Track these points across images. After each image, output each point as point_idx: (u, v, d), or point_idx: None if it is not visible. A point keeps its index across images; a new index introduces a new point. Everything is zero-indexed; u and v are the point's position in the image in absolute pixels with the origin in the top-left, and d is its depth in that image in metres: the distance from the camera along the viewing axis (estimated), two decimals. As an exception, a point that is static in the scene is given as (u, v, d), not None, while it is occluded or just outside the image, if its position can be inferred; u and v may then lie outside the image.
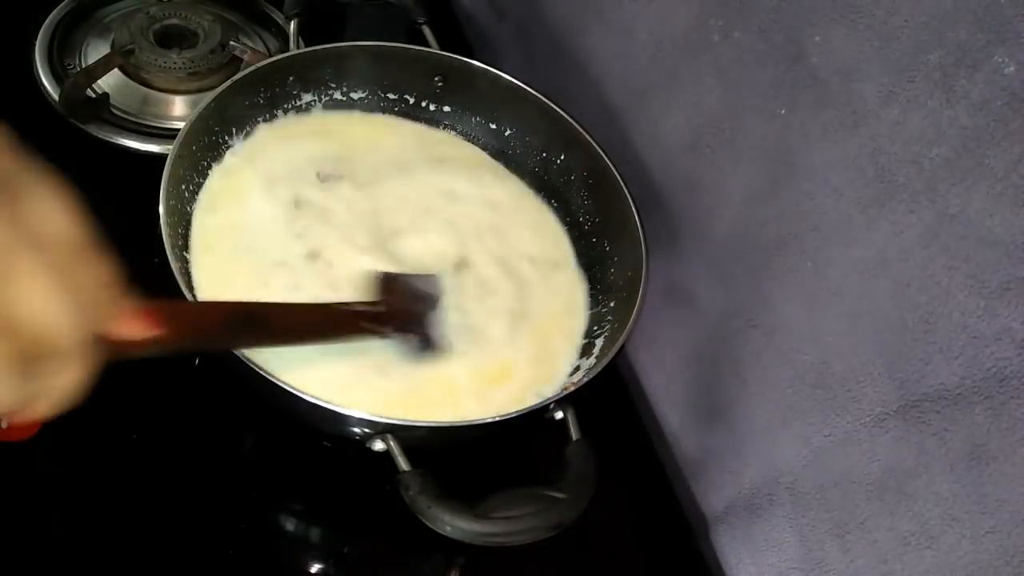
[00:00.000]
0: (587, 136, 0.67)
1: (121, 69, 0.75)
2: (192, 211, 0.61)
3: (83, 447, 0.57)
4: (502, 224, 0.68)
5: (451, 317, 0.60)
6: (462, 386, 0.58)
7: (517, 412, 0.52)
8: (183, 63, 0.76)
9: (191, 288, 0.56)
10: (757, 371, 0.59)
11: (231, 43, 0.79)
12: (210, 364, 0.63)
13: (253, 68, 0.65)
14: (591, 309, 0.66)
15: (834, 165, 0.49)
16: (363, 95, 0.72)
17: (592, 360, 0.60)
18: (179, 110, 0.76)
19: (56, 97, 0.72)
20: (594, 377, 0.54)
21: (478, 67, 0.71)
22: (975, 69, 0.40)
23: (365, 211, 0.64)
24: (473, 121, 0.74)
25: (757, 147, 0.55)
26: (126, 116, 0.74)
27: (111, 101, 0.74)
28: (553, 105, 0.69)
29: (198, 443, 0.60)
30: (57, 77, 0.74)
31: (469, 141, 0.74)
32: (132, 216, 0.57)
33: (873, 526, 0.50)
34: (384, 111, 0.73)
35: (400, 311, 0.56)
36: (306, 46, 0.69)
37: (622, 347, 0.56)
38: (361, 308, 0.55)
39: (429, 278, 0.60)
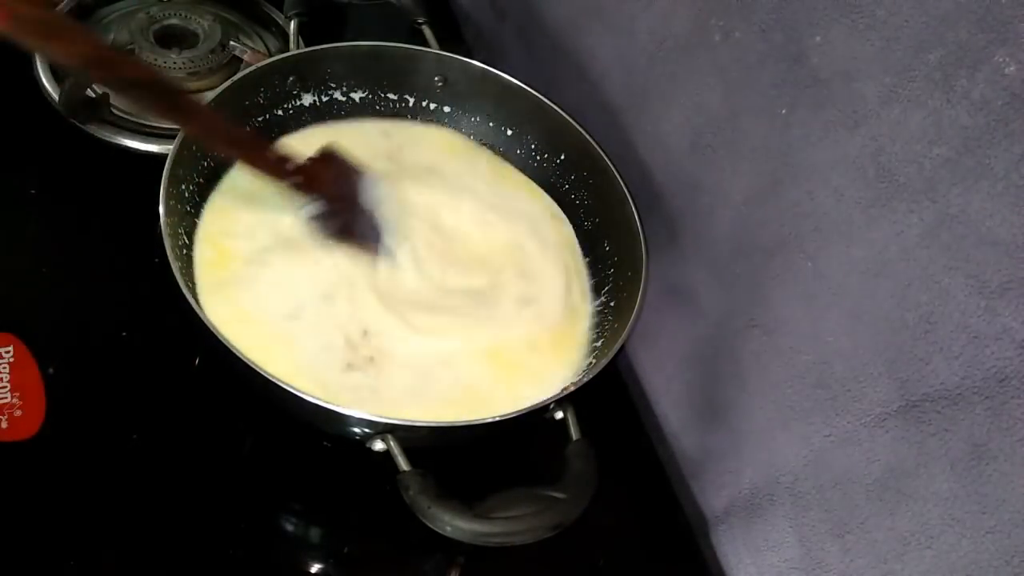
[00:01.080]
0: (587, 136, 0.67)
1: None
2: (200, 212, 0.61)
3: (83, 447, 0.58)
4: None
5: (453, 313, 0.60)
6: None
7: (517, 412, 0.52)
8: (183, 63, 0.76)
9: (192, 287, 0.56)
10: (757, 371, 0.59)
11: (231, 43, 0.79)
12: (211, 364, 0.64)
13: (253, 68, 0.65)
14: (591, 308, 0.66)
15: (835, 165, 0.49)
16: (363, 95, 0.72)
17: (592, 360, 0.60)
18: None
19: (56, 97, 0.72)
20: (594, 377, 0.54)
21: (478, 67, 0.71)
22: (976, 69, 0.40)
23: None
24: (473, 121, 0.74)
25: (758, 147, 0.55)
26: (126, 116, 0.74)
27: (111, 101, 0.74)
28: (553, 105, 0.69)
29: (198, 443, 0.60)
30: (57, 77, 0.74)
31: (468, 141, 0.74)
32: (132, 216, 0.57)
33: (873, 526, 0.50)
34: (384, 111, 0.73)
35: (324, 178, 0.60)
36: (306, 46, 0.69)
37: (622, 347, 0.56)
38: (277, 151, 0.58)
39: (365, 172, 0.63)
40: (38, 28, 0.47)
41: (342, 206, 0.61)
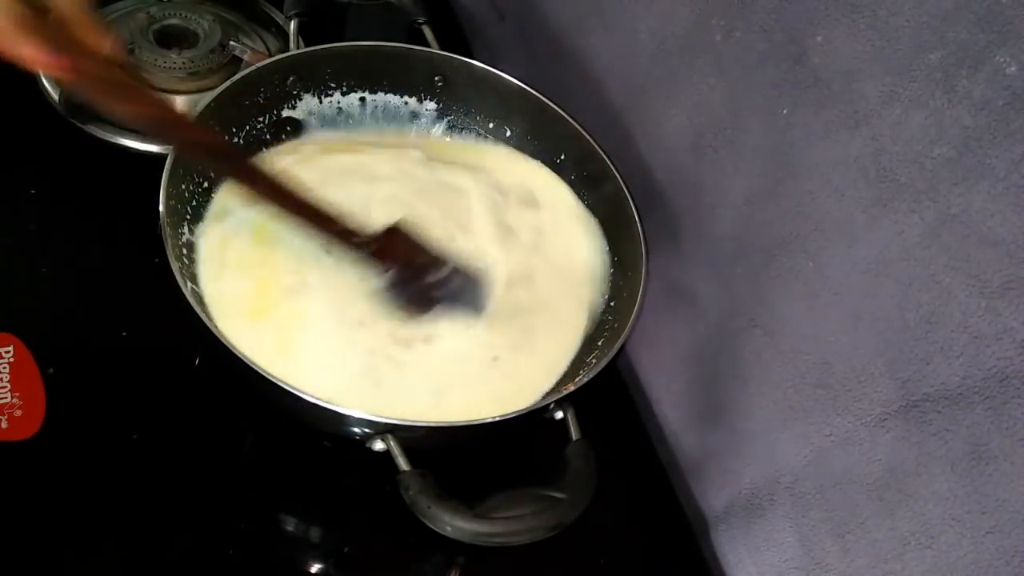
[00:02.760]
0: (587, 136, 0.67)
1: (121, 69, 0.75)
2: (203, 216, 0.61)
3: (83, 447, 0.57)
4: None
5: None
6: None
7: (517, 412, 0.52)
8: (183, 63, 0.76)
9: (191, 287, 0.56)
10: (758, 371, 0.59)
11: (231, 43, 0.79)
12: (210, 364, 0.64)
13: (253, 68, 0.65)
14: (591, 308, 0.66)
15: (836, 165, 0.49)
16: (363, 95, 0.72)
17: (592, 360, 0.60)
18: (179, 110, 0.76)
19: (56, 97, 0.72)
20: (594, 377, 0.54)
21: (478, 67, 0.71)
22: (976, 69, 0.40)
23: (375, 202, 0.64)
24: (473, 121, 0.74)
25: (759, 147, 0.55)
26: (126, 116, 0.74)
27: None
28: (553, 105, 0.69)
29: (198, 443, 0.60)
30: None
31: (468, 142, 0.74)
32: (132, 216, 0.57)
33: (873, 526, 0.50)
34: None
35: (394, 251, 0.58)
36: (306, 46, 0.69)
37: (622, 347, 0.56)
38: (349, 223, 0.56)
39: (445, 258, 0.60)
40: (102, 86, 0.47)
41: (411, 277, 0.59)
